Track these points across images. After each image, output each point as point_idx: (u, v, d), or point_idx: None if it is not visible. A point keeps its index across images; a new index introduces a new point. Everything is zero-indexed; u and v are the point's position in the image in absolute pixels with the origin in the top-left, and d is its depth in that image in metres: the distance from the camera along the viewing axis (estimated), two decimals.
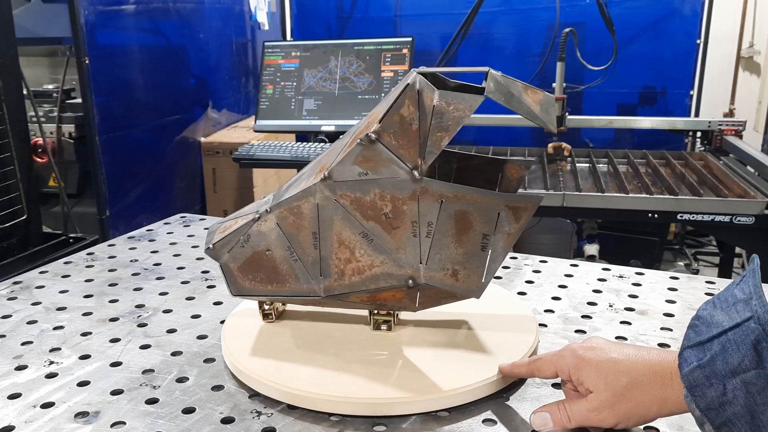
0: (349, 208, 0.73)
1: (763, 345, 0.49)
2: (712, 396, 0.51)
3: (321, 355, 0.77)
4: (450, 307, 0.87)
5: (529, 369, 0.68)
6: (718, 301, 0.55)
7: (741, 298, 0.53)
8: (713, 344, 0.52)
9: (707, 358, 0.52)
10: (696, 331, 0.54)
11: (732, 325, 0.51)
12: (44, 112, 2.39)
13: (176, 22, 2.87)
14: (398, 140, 0.70)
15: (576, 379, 0.61)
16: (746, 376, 0.49)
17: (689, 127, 2.75)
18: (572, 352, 0.62)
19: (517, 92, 0.68)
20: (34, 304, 0.96)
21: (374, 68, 2.51)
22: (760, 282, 0.53)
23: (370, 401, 0.67)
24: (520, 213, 0.69)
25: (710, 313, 0.54)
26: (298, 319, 0.86)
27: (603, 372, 0.59)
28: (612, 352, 0.60)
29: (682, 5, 3.06)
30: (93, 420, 0.67)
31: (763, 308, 0.50)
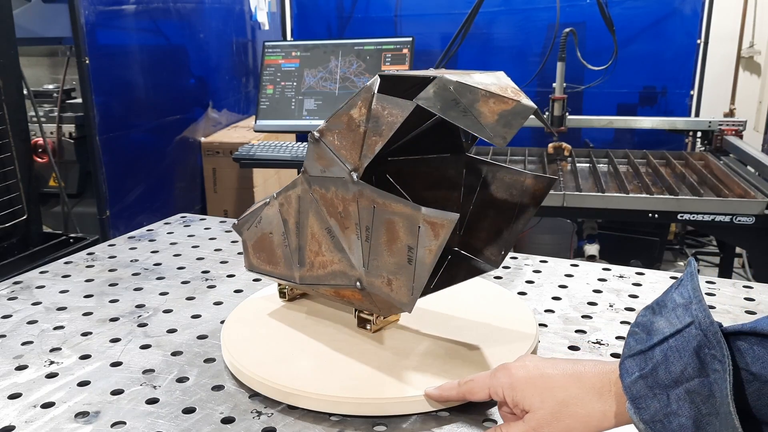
0: (320, 203, 0.76)
1: (705, 351, 0.47)
2: (656, 407, 0.49)
3: (321, 355, 0.77)
4: (450, 307, 0.87)
5: (460, 392, 0.65)
6: (657, 307, 0.53)
7: (680, 303, 0.51)
8: (655, 352, 0.50)
9: (649, 367, 0.50)
10: (636, 338, 0.52)
11: (673, 331, 0.49)
12: (44, 112, 2.39)
13: (176, 22, 2.87)
14: (342, 141, 0.71)
15: (511, 400, 0.59)
16: (690, 385, 0.47)
17: (689, 127, 2.75)
18: (505, 372, 0.60)
19: (470, 101, 0.63)
20: (35, 304, 0.96)
21: (374, 68, 2.51)
22: (699, 285, 0.51)
23: (370, 401, 0.67)
24: (438, 229, 0.65)
25: (650, 320, 0.52)
26: (299, 319, 0.86)
27: (538, 389, 0.56)
28: (545, 368, 0.57)
29: (682, 5, 3.06)
30: (93, 420, 0.67)
31: (704, 313, 0.48)
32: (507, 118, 0.62)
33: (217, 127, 3.19)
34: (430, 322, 0.84)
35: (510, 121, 0.62)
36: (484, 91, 0.64)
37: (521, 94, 0.65)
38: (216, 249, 1.20)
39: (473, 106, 0.63)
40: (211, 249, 1.20)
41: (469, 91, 0.64)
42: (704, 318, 0.48)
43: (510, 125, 0.62)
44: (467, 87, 0.64)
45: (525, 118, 0.62)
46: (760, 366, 0.45)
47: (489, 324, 0.83)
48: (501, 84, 0.65)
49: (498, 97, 0.63)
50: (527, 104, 0.63)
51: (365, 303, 0.77)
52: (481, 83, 0.64)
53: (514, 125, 0.62)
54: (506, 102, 0.63)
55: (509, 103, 0.63)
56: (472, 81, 0.64)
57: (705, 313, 0.48)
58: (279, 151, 2.48)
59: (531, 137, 3.16)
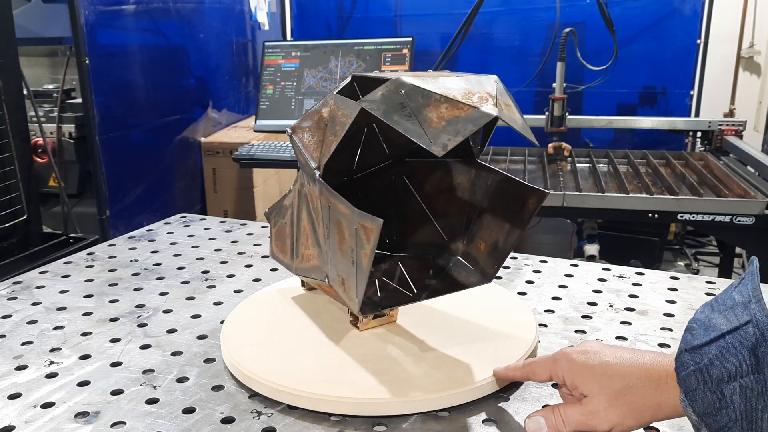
0: (308, 198, 0.77)
1: (762, 350, 0.48)
2: (708, 401, 0.50)
3: (321, 355, 0.77)
4: (450, 306, 0.87)
5: (524, 372, 0.67)
6: (716, 304, 0.54)
7: (739, 302, 0.52)
8: (711, 348, 0.51)
9: (704, 362, 0.51)
10: (693, 334, 0.54)
11: (730, 328, 0.51)
12: (44, 112, 2.38)
13: (176, 22, 2.87)
14: (310, 138, 0.73)
15: (570, 384, 0.61)
16: (744, 381, 0.49)
17: (689, 127, 2.75)
18: (566, 356, 0.62)
19: (419, 105, 0.62)
20: (35, 304, 0.96)
21: (374, 68, 2.51)
22: (759, 285, 0.52)
23: (370, 401, 0.67)
24: (369, 233, 0.65)
25: (708, 316, 0.54)
26: (299, 319, 0.86)
27: (597, 376, 0.58)
28: (606, 356, 0.59)
29: (682, 5, 3.06)
30: (93, 420, 0.67)
31: (762, 312, 0.49)
32: (456, 125, 0.61)
33: (217, 127, 3.19)
34: (430, 322, 0.84)
35: (458, 128, 0.60)
36: (439, 96, 0.62)
37: (488, 101, 0.62)
38: (216, 249, 1.20)
39: (421, 111, 0.61)
40: (211, 249, 1.20)
41: (422, 95, 0.62)
42: (762, 317, 0.49)
43: (457, 132, 0.60)
44: (421, 90, 0.62)
45: (477, 126, 0.60)
46: None
47: (489, 324, 0.83)
48: (473, 89, 0.64)
49: (453, 102, 0.61)
50: (485, 112, 0.61)
51: (339, 299, 0.78)
52: (444, 87, 0.63)
53: (462, 133, 0.60)
54: (461, 108, 0.61)
55: (464, 109, 0.61)
56: (435, 84, 0.63)
57: (763, 313, 0.49)
58: (279, 151, 2.48)
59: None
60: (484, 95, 0.63)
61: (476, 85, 0.65)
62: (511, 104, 0.66)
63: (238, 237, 1.27)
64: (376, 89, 0.64)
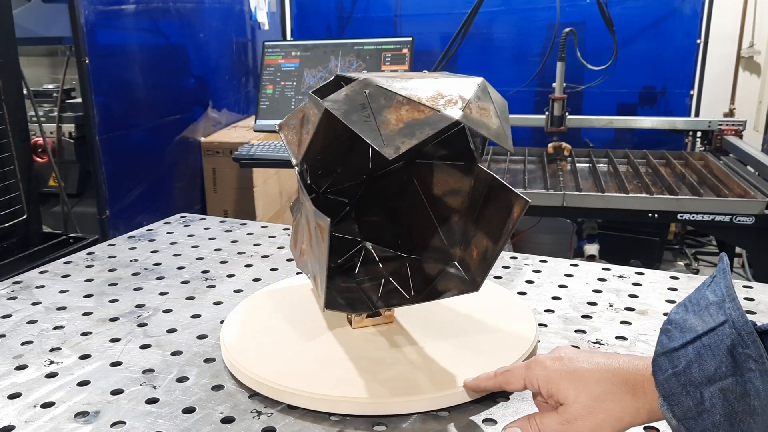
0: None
1: (739, 350, 0.47)
2: (689, 405, 0.49)
3: (321, 354, 0.77)
4: (450, 306, 0.87)
5: (496, 382, 0.66)
6: (690, 304, 0.53)
7: (713, 301, 0.51)
8: (688, 350, 0.50)
9: (682, 365, 0.50)
10: (669, 336, 0.53)
11: (706, 329, 0.50)
12: (44, 112, 2.38)
13: (176, 22, 2.87)
14: (293, 135, 0.75)
15: (546, 392, 0.59)
16: (724, 383, 0.48)
17: (689, 127, 2.75)
18: (540, 364, 0.60)
19: (380, 107, 0.62)
20: (34, 304, 0.96)
21: (374, 68, 2.51)
22: (731, 283, 0.51)
23: (370, 401, 0.67)
24: (322, 232, 0.66)
25: (683, 317, 0.52)
26: (299, 319, 0.86)
27: (572, 383, 0.57)
28: (581, 362, 0.58)
29: (682, 5, 3.06)
30: (93, 420, 0.67)
31: (737, 311, 0.49)
32: (413, 127, 0.60)
33: (217, 127, 3.19)
34: (431, 322, 0.84)
35: (414, 131, 0.60)
36: (402, 98, 0.62)
37: (455, 105, 0.62)
38: (216, 249, 1.20)
39: (381, 112, 0.61)
40: (210, 249, 1.20)
41: (385, 96, 0.62)
42: (738, 317, 0.48)
43: (412, 135, 0.60)
44: (385, 92, 0.62)
45: (435, 129, 0.60)
46: None
47: (489, 324, 0.83)
48: (444, 91, 0.63)
49: (415, 104, 0.61)
50: (445, 115, 0.60)
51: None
52: (412, 89, 0.63)
53: (418, 136, 0.60)
54: (421, 111, 0.61)
55: (425, 112, 0.61)
56: (404, 86, 0.63)
57: (739, 312, 0.49)
58: (279, 151, 2.48)
59: (531, 137, 3.16)
60: (455, 98, 0.63)
61: (451, 87, 0.64)
62: (490, 108, 0.64)
63: (238, 237, 1.27)
64: (342, 89, 0.64)
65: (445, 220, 0.85)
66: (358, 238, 0.88)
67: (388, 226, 0.89)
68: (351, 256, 0.88)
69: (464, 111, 0.61)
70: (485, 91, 0.66)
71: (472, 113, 0.62)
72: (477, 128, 0.62)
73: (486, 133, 0.63)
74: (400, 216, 0.89)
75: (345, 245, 0.88)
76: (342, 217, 0.89)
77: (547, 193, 2.11)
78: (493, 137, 0.63)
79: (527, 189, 2.13)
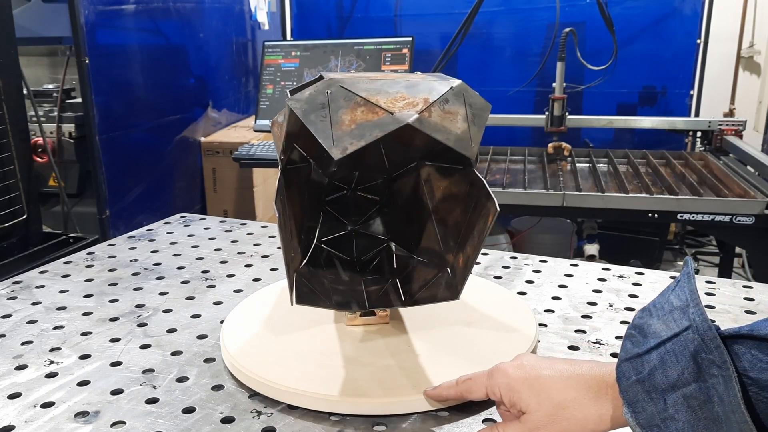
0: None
1: (703, 356, 0.47)
2: (652, 412, 0.49)
3: (321, 354, 0.77)
4: (450, 306, 0.87)
5: (458, 391, 0.65)
6: (654, 309, 0.52)
7: (677, 306, 0.50)
8: (651, 356, 0.49)
9: (646, 371, 0.49)
10: (633, 341, 0.52)
11: (670, 335, 0.49)
12: (44, 112, 2.38)
13: (176, 22, 2.87)
14: (280, 133, 0.76)
15: (508, 401, 0.59)
16: (687, 390, 0.47)
17: (689, 127, 2.75)
18: (502, 372, 0.60)
19: (338, 107, 0.62)
20: (34, 304, 0.96)
21: (374, 68, 2.51)
22: (696, 288, 0.51)
23: (370, 401, 0.67)
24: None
25: (647, 322, 0.52)
26: (298, 319, 0.86)
27: (534, 391, 0.56)
28: (543, 369, 0.57)
29: (682, 5, 3.06)
30: (93, 420, 0.67)
31: (701, 317, 0.48)
32: (364, 129, 0.61)
33: (217, 127, 3.19)
34: (430, 322, 0.84)
35: (364, 133, 0.61)
36: (360, 99, 0.62)
37: (414, 108, 0.61)
38: (216, 249, 1.20)
39: (337, 113, 0.62)
40: (210, 249, 1.20)
41: (345, 96, 0.63)
42: (702, 322, 0.48)
43: (362, 137, 0.60)
44: (346, 92, 0.63)
45: (384, 131, 0.61)
46: (758, 370, 0.45)
47: (489, 324, 0.84)
48: (408, 94, 0.63)
49: (371, 106, 0.62)
50: (396, 118, 0.61)
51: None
52: (375, 90, 0.63)
53: (367, 137, 0.60)
54: (375, 112, 0.62)
55: (378, 113, 0.61)
56: (368, 86, 0.63)
57: (702, 317, 0.48)
58: None
59: (531, 137, 3.16)
60: (417, 101, 0.62)
61: (419, 90, 0.64)
62: (458, 113, 0.64)
63: (238, 237, 1.27)
64: (308, 88, 0.65)
65: (444, 224, 0.85)
66: (384, 237, 0.88)
67: (403, 226, 0.89)
68: (375, 254, 0.87)
69: (421, 114, 0.61)
70: (458, 95, 0.65)
71: (431, 117, 0.62)
72: (430, 133, 0.62)
73: (440, 137, 0.62)
74: (413, 217, 0.89)
75: (372, 243, 0.88)
76: (371, 215, 0.88)
77: (547, 193, 2.10)
78: (452, 143, 0.63)
79: (527, 189, 2.13)
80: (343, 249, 0.86)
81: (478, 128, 0.65)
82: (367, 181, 0.87)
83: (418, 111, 0.61)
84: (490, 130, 3.30)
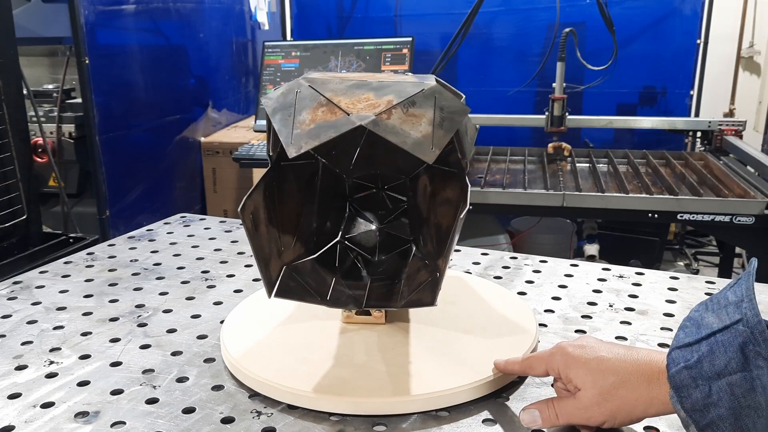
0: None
1: (750, 348, 0.49)
2: (697, 397, 0.51)
3: (321, 354, 0.77)
4: (450, 306, 0.87)
5: (522, 366, 0.69)
6: (711, 303, 0.55)
7: (732, 301, 0.53)
8: (701, 346, 0.52)
9: (694, 359, 0.52)
10: (686, 332, 0.55)
11: (721, 327, 0.52)
12: (44, 112, 2.38)
13: (176, 22, 2.87)
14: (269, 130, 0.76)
15: (565, 377, 0.62)
16: (732, 378, 0.49)
17: (689, 127, 2.75)
18: (562, 350, 0.63)
19: (303, 107, 0.63)
20: (34, 304, 0.96)
21: (374, 68, 2.51)
22: (754, 286, 0.53)
23: (370, 401, 0.67)
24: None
25: (701, 315, 0.55)
26: (299, 319, 0.86)
27: (591, 370, 0.59)
28: (601, 351, 0.60)
29: (682, 5, 3.06)
30: (93, 420, 0.67)
31: (753, 311, 0.50)
32: (320, 129, 0.61)
33: (217, 127, 3.19)
34: (431, 322, 0.84)
35: (320, 133, 0.61)
36: (324, 99, 0.63)
37: (374, 110, 0.61)
38: (216, 249, 1.20)
39: (301, 112, 0.63)
40: (210, 249, 1.20)
41: (311, 96, 0.63)
42: (753, 316, 0.50)
43: (316, 137, 0.61)
44: (313, 93, 0.63)
45: (338, 132, 0.61)
46: None
47: (489, 324, 0.84)
48: (373, 95, 0.63)
49: (331, 106, 0.62)
50: (351, 119, 0.61)
51: None
52: (340, 91, 0.63)
53: (321, 137, 0.61)
54: (334, 113, 0.62)
55: (336, 114, 0.62)
56: (335, 87, 0.63)
57: (754, 312, 0.50)
58: None
59: (531, 137, 3.16)
60: (379, 103, 0.62)
61: (386, 92, 0.63)
62: (423, 116, 0.63)
63: (238, 237, 1.27)
64: (281, 87, 0.66)
65: (439, 228, 0.85)
66: (409, 237, 0.87)
67: (416, 228, 0.89)
68: (396, 254, 0.87)
69: (379, 117, 0.61)
70: (429, 97, 0.64)
71: (389, 119, 0.61)
72: (385, 135, 0.61)
73: (396, 140, 0.61)
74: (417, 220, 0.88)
75: (395, 243, 0.87)
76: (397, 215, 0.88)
77: (547, 193, 2.10)
78: (407, 146, 0.62)
79: (527, 189, 2.13)
80: (365, 248, 0.86)
81: (446, 132, 0.64)
82: (392, 180, 0.88)
83: (376, 113, 0.61)
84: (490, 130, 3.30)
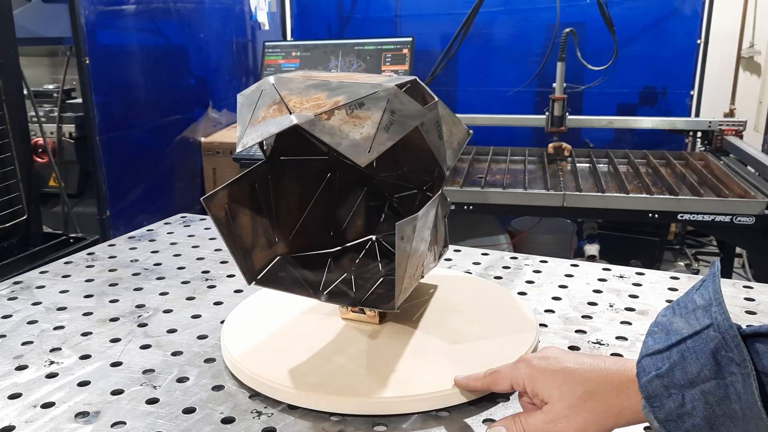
0: None
1: (722, 354, 0.47)
2: (670, 407, 0.49)
3: (321, 354, 0.77)
4: (450, 306, 0.87)
5: (485, 383, 0.66)
6: (678, 307, 0.53)
7: (700, 305, 0.51)
8: (672, 353, 0.50)
9: (666, 367, 0.50)
10: (654, 338, 0.53)
11: (691, 332, 0.50)
12: (44, 112, 2.38)
13: (176, 22, 2.87)
14: None
15: (531, 391, 0.59)
16: (705, 386, 0.48)
17: (689, 127, 2.75)
18: (526, 363, 0.61)
19: (262, 104, 0.64)
20: (35, 304, 0.96)
21: (374, 68, 2.51)
22: (720, 287, 0.51)
23: (370, 401, 0.67)
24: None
25: (669, 320, 0.53)
26: (299, 319, 0.86)
27: (557, 382, 0.57)
28: (567, 362, 0.58)
29: (682, 5, 3.06)
30: (93, 420, 0.67)
31: (723, 315, 0.49)
32: (267, 126, 0.62)
33: (217, 127, 3.19)
34: (431, 322, 0.84)
35: (263, 129, 0.62)
36: (279, 98, 0.64)
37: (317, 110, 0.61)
38: (216, 249, 1.20)
39: (260, 109, 0.64)
40: (211, 249, 1.20)
41: (270, 95, 0.64)
42: (723, 321, 0.48)
43: (261, 133, 0.62)
44: (273, 90, 0.64)
45: (278, 129, 0.62)
46: None
47: (489, 324, 0.84)
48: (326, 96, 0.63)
49: (281, 105, 0.63)
50: (291, 118, 0.61)
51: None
52: (300, 90, 0.63)
53: (264, 134, 0.62)
54: (281, 111, 0.63)
55: (282, 112, 0.63)
56: (295, 86, 0.64)
57: (724, 316, 0.49)
58: None
59: (531, 137, 3.16)
60: (327, 104, 0.62)
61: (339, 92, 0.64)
62: (369, 118, 0.63)
63: None
64: (253, 85, 0.68)
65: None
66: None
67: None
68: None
69: (318, 117, 0.61)
70: (381, 100, 0.64)
71: (329, 120, 0.61)
72: (320, 135, 0.61)
73: (330, 141, 0.61)
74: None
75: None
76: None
77: (547, 193, 2.10)
78: (341, 148, 0.62)
79: (527, 189, 2.13)
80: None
81: (392, 135, 0.63)
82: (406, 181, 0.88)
83: (316, 113, 0.62)
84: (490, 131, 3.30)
